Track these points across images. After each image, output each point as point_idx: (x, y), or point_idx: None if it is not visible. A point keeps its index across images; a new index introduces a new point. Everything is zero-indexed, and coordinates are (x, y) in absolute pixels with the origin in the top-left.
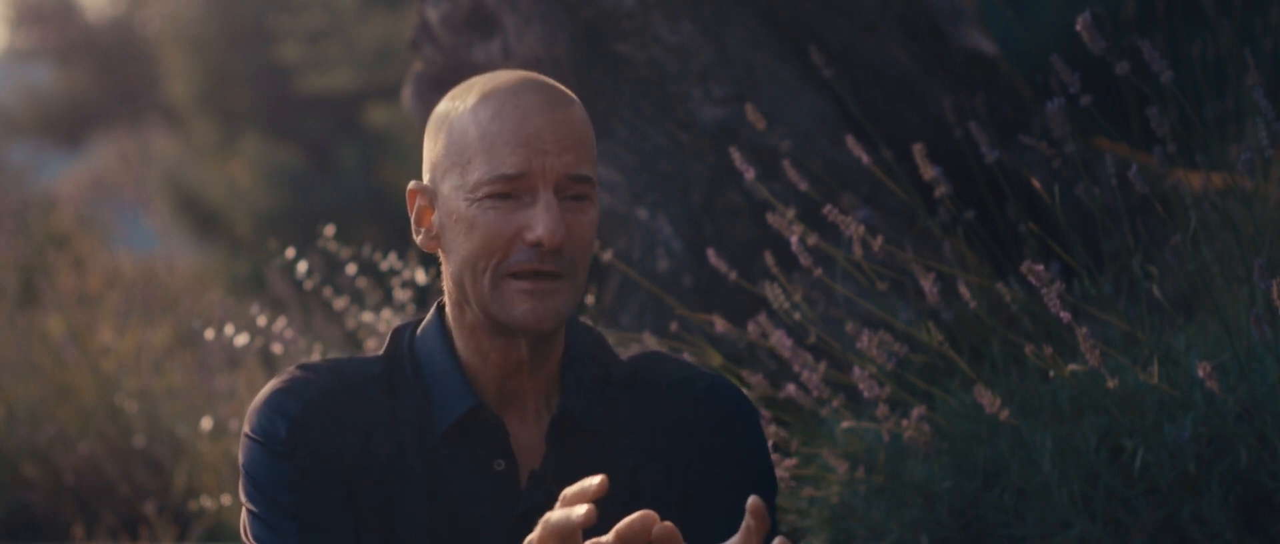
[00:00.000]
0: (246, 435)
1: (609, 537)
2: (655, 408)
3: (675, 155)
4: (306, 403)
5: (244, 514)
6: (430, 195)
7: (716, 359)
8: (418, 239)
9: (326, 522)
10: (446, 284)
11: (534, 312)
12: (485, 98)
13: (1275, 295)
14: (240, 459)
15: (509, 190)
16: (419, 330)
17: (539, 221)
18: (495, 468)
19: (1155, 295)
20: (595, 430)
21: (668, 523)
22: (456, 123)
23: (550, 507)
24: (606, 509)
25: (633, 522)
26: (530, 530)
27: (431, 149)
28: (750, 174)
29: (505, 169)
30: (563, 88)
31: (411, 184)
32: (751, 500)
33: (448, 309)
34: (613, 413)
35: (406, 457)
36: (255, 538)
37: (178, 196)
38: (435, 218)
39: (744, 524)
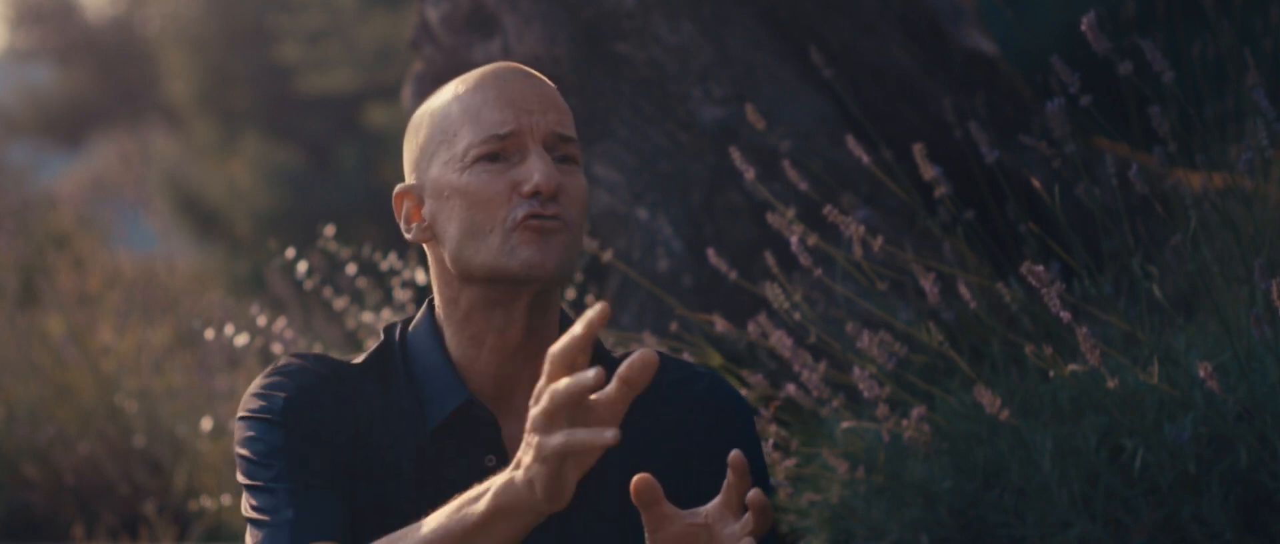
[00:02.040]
0: (241, 418)
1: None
2: (652, 408)
3: (675, 155)
4: (302, 385)
5: (243, 502)
6: (417, 191)
7: (716, 359)
8: (409, 236)
9: (320, 481)
10: (437, 277)
11: (540, 252)
12: (462, 81)
13: (1275, 295)
14: (236, 447)
15: (499, 150)
16: (411, 327)
17: (534, 170)
18: (487, 464)
19: (1155, 295)
20: None
21: (645, 475)
22: (437, 110)
23: None
24: (604, 508)
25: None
26: None
27: (413, 146)
28: (750, 174)
29: (495, 129)
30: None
31: (396, 188)
32: (733, 454)
33: (438, 304)
34: None
35: (399, 451)
36: (254, 511)
37: (178, 196)
38: (426, 209)
39: (726, 481)
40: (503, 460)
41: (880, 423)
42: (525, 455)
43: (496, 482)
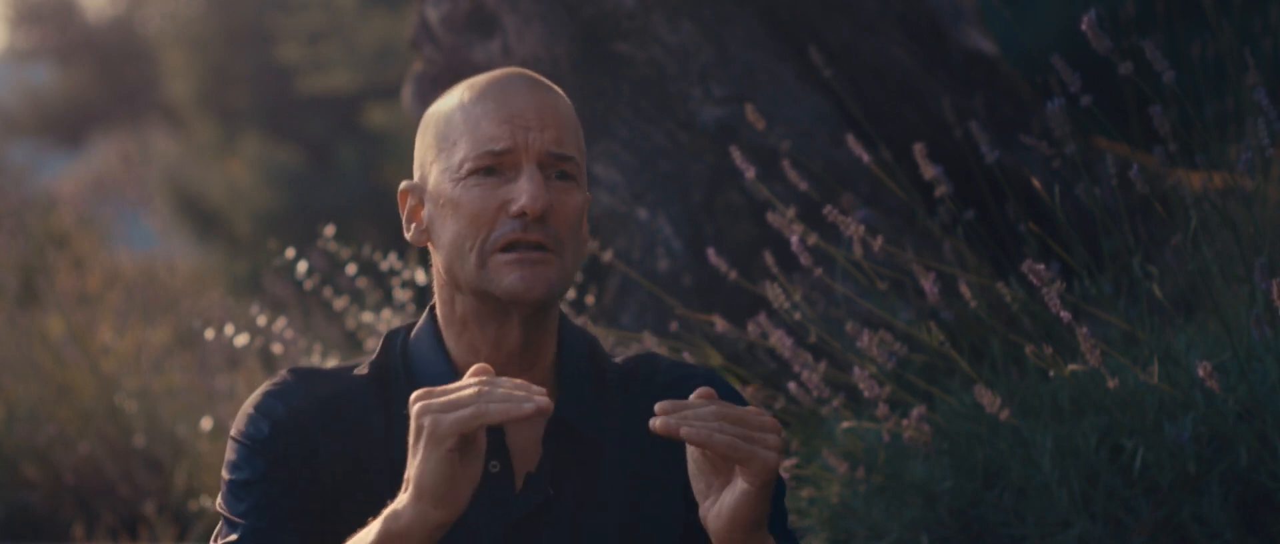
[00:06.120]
0: (231, 437)
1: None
2: (650, 409)
3: (675, 155)
4: (292, 406)
5: (218, 524)
6: (419, 191)
7: (716, 359)
8: (409, 236)
9: (288, 521)
10: (437, 280)
11: (523, 279)
12: (470, 87)
13: (1275, 295)
14: (222, 465)
15: (493, 165)
16: (412, 334)
17: (522, 191)
18: (491, 469)
19: (1155, 295)
20: (591, 435)
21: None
22: (442, 115)
23: (547, 510)
24: (605, 515)
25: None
26: (527, 535)
27: (420, 146)
28: (750, 174)
29: (489, 145)
30: (549, 82)
31: (402, 184)
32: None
33: (438, 309)
34: (608, 415)
35: (401, 459)
36: (220, 536)
37: (178, 196)
38: (425, 212)
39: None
40: (506, 466)
41: (880, 423)
42: (411, 462)
43: (385, 511)
